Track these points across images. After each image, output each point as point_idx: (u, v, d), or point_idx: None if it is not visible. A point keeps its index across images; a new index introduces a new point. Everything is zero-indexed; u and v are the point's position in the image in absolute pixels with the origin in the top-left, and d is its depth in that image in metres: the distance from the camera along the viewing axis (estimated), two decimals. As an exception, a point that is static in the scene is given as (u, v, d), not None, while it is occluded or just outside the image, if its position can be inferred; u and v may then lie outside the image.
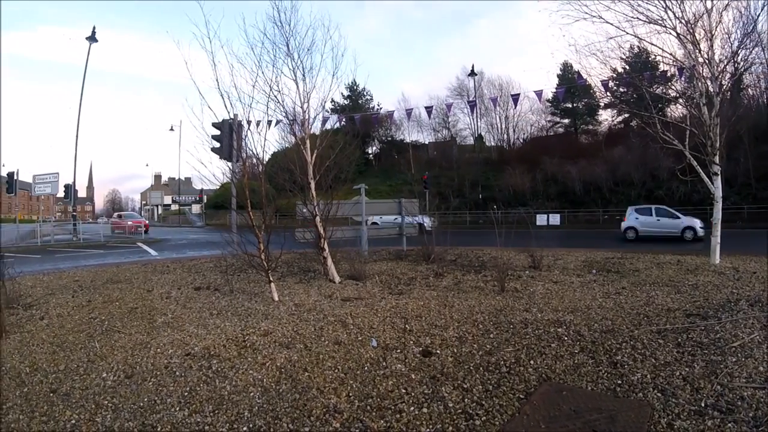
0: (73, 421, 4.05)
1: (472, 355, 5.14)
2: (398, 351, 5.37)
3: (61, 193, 32.63)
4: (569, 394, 4.08)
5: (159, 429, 3.85)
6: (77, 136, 32.12)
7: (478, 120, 58.46)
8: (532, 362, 4.84)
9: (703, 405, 3.79)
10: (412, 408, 3.98)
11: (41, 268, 15.15)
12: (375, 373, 4.74)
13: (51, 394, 4.64)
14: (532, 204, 38.04)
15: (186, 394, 4.47)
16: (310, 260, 12.25)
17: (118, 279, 11.50)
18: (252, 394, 4.41)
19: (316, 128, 11.10)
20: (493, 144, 58.70)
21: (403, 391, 4.31)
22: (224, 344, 5.84)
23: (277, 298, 8.18)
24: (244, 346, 5.76)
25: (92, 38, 32.00)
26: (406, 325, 6.34)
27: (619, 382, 4.30)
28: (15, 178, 30.95)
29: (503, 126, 57.18)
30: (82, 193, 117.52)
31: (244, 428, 3.81)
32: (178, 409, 4.16)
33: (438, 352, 5.28)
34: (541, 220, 32.37)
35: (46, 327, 7.13)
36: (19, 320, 7.57)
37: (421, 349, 5.40)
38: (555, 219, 33.10)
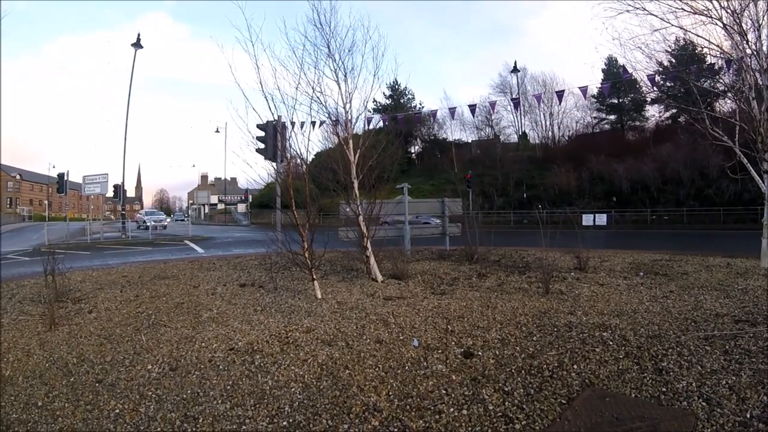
0: (117, 411, 4.15)
1: (515, 357, 5.04)
2: (439, 351, 5.31)
3: (110, 193, 33.60)
4: (612, 400, 3.97)
5: (201, 420, 3.90)
6: (125, 139, 33.26)
7: (522, 117, 57.61)
8: (575, 367, 4.71)
9: (748, 416, 3.62)
10: (451, 409, 3.93)
11: (90, 264, 15.58)
12: (415, 373, 4.70)
13: (96, 384, 4.76)
14: (578, 203, 37.00)
15: (228, 387, 4.53)
16: (353, 259, 12.27)
17: (166, 275, 11.74)
18: (293, 389, 4.43)
19: (358, 128, 11.12)
20: (537, 142, 57.73)
21: (443, 391, 4.26)
22: (267, 340, 5.90)
23: (320, 296, 8.22)
24: (286, 342, 5.79)
25: (137, 44, 33.02)
26: (448, 326, 6.26)
27: (664, 389, 4.14)
28: (65, 178, 32.01)
29: (548, 123, 56.27)
30: (131, 193, 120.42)
31: (284, 423, 3.82)
32: (220, 402, 4.21)
33: (480, 353, 5.20)
34: (587, 220, 31.59)
35: (94, 320, 7.33)
36: (68, 313, 7.80)
37: (462, 350, 5.32)
38: (601, 219, 32.23)
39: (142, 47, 33.33)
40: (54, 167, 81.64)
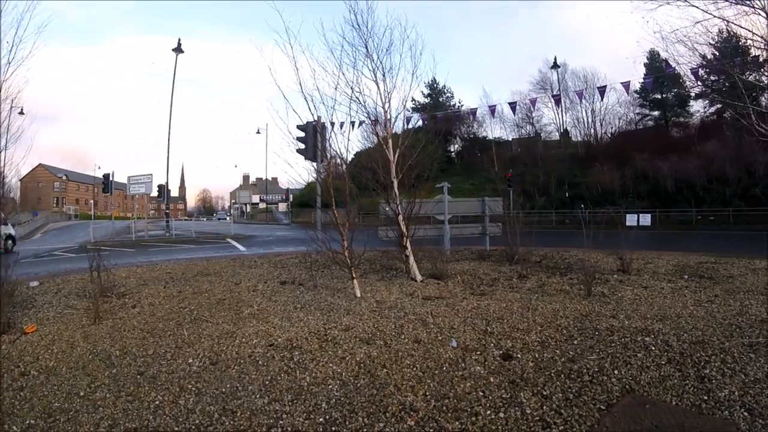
0: (157, 402, 4.24)
1: (554, 361, 4.94)
2: (478, 353, 5.24)
3: (154, 193, 34.53)
4: (652, 407, 3.86)
5: (238, 414, 3.95)
6: (169, 140, 33.98)
7: (564, 114, 55.93)
8: (616, 372, 4.58)
9: (791, 429, 3.49)
10: (488, 411, 3.88)
11: (135, 260, 15.93)
12: (453, 374, 4.66)
13: (138, 377, 4.87)
14: (622, 203, 35.96)
15: (267, 382, 4.57)
16: (393, 258, 12.24)
17: (208, 272, 11.92)
18: (330, 386, 4.44)
19: (397, 127, 11.08)
20: (579, 139, 55.59)
21: (481, 393, 4.21)
22: (306, 337, 5.93)
23: (359, 295, 8.22)
24: (325, 340, 5.82)
25: (178, 49, 33.90)
26: (487, 327, 6.18)
27: (705, 398, 4.00)
28: (111, 179, 32.83)
29: (590, 120, 53.87)
30: (174, 192, 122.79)
31: (321, 419, 3.84)
32: (258, 396, 4.26)
33: (519, 356, 5.11)
34: (630, 220, 30.54)
35: (138, 315, 7.50)
36: (113, 308, 7.99)
37: (501, 352, 5.24)
38: (645, 219, 31.15)
39: (182, 51, 34.23)
40: (99, 168, 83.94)
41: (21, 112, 9.84)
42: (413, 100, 56.12)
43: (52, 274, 12.81)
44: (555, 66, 50.98)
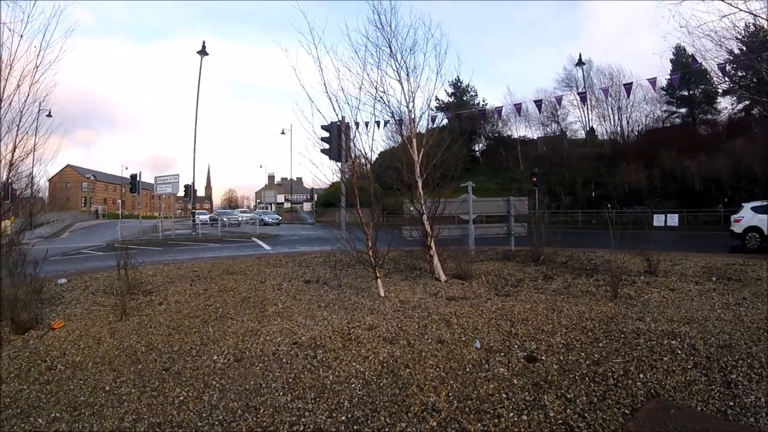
0: (182, 398, 4.30)
1: (579, 363, 4.88)
2: (502, 354, 5.21)
3: (181, 193, 35.00)
4: (677, 413, 3.78)
5: (261, 411, 3.98)
6: (195, 141, 34.41)
7: (590, 112, 54.45)
8: (641, 376, 4.52)
9: (817, 436, 3.40)
10: (511, 414, 3.86)
11: (161, 259, 16.09)
12: (476, 375, 4.63)
13: (163, 372, 4.94)
14: (649, 203, 35.15)
15: (290, 380, 4.60)
16: (417, 258, 12.22)
17: (233, 270, 12.01)
18: (353, 385, 4.46)
19: (422, 127, 11.06)
20: (605, 137, 54.05)
21: (504, 395, 4.18)
22: (330, 336, 5.96)
23: (383, 294, 8.23)
24: (349, 339, 5.83)
25: (203, 52, 34.24)
26: (512, 328, 6.13)
27: (731, 403, 3.93)
28: (138, 179, 33.36)
29: (616, 118, 52.44)
30: (200, 192, 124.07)
31: (343, 417, 3.85)
32: (281, 393, 4.29)
33: (543, 358, 5.07)
34: (658, 220, 29.99)
35: (164, 312, 7.61)
36: (139, 305, 8.11)
37: (525, 353, 5.20)
38: (673, 219, 30.50)
39: (207, 54, 34.56)
40: (126, 169, 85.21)
41: (48, 115, 10.04)
42: (437, 99, 55.67)
43: (80, 271, 13.00)
44: (580, 63, 50.04)
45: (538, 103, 40.39)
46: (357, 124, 9.40)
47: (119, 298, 7.69)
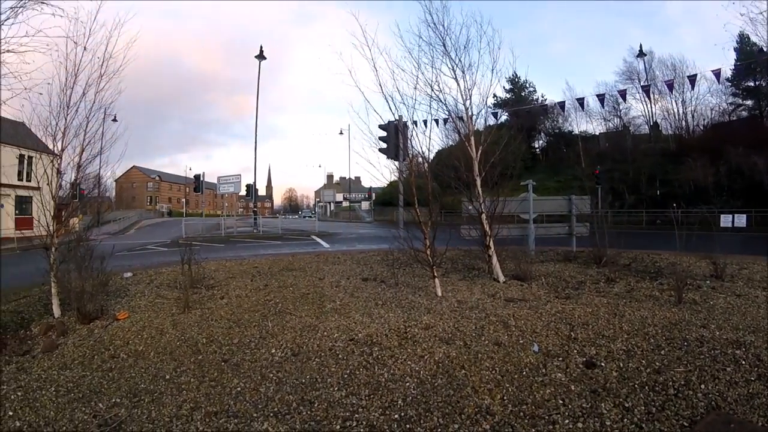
0: (239, 389, 4.41)
1: (639, 371, 4.71)
2: (560, 359, 5.09)
3: (242, 192, 36.01)
4: (737, 427, 3.58)
5: (316, 405, 4.03)
6: (256, 143, 35.47)
7: (653, 106, 52.06)
8: (702, 386, 4.31)
9: None
10: (566, 421, 3.77)
11: (224, 255, 16.52)
12: (533, 380, 4.55)
13: (222, 364, 5.08)
14: (716, 202, 32.95)
15: (345, 376, 4.65)
16: (475, 258, 12.10)
17: (293, 267, 12.19)
18: (408, 384, 4.45)
19: (479, 124, 10.93)
20: (670, 132, 51.39)
21: (560, 401, 4.09)
22: (386, 333, 5.95)
23: (440, 294, 8.17)
24: (405, 337, 5.81)
25: (261, 56, 35.08)
26: (571, 333, 5.97)
27: (795, 420, 3.71)
28: (201, 179, 34.54)
29: (680, 111, 49.77)
30: (262, 191, 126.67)
31: (396, 416, 3.86)
32: (336, 389, 4.33)
33: (602, 364, 4.91)
34: (725, 221, 28.45)
35: (225, 305, 7.81)
36: (202, 299, 8.35)
37: (584, 359, 5.06)
38: (741, 220, 28.79)
39: (265, 58, 35.37)
40: (191, 169, 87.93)
41: (114, 120, 10.54)
42: (494, 95, 54.07)
43: (145, 266, 13.44)
44: (641, 54, 47.85)
45: (600, 97, 38.92)
46: (414, 123, 9.40)
47: (182, 292, 7.95)
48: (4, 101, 6.91)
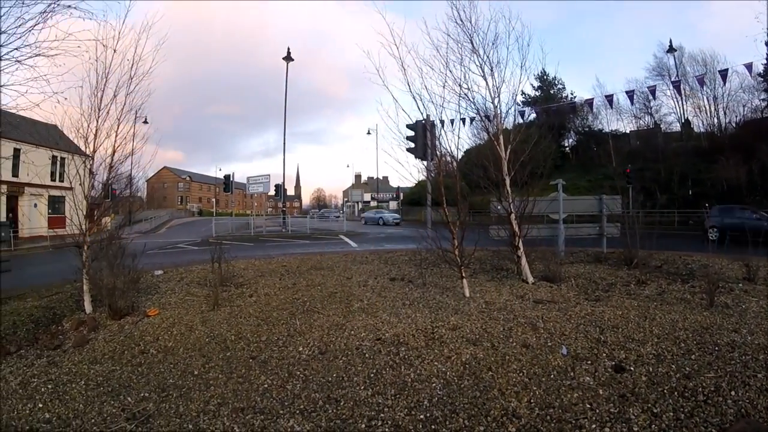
0: (266, 386, 4.46)
1: (669, 376, 4.61)
2: (588, 362, 5.02)
3: (271, 192, 36.51)
4: None
5: (342, 404, 4.05)
6: (284, 143, 36.19)
7: (684, 103, 50.23)
8: (732, 393, 4.21)
9: None
10: (593, 425, 3.72)
11: (253, 254, 16.65)
12: (560, 383, 4.49)
13: (250, 360, 5.14)
14: (750, 201, 31.55)
15: (372, 375, 4.66)
16: (503, 258, 12.01)
17: (321, 266, 12.25)
18: (434, 384, 4.44)
19: (508, 123, 10.83)
20: (702, 130, 49.33)
21: (588, 405, 4.03)
22: (413, 334, 5.94)
23: (468, 294, 8.12)
24: (432, 338, 5.80)
25: (288, 57, 35.52)
26: (601, 336, 5.88)
27: (826, 430, 3.60)
28: (231, 179, 35.05)
29: (712, 108, 47.49)
30: (290, 191, 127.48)
31: (421, 416, 3.85)
32: (362, 388, 4.34)
33: (632, 368, 4.83)
34: None
35: (254, 303, 7.91)
36: (231, 296, 8.46)
37: (613, 363, 4.98)
38: None
39: (292, 59, 35.76)
40: (220, 170, 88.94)
41: (145, 122, 10.71)
42: (523, 93, 53.12)
43: (176, 264, 13.60)
44: (671, 50, 46.53)
45: (630, 94, 37.84)
46: (442, 122, 9.35)
47: (212, 290, 8.06)
48: (35, 104, 7.02)
